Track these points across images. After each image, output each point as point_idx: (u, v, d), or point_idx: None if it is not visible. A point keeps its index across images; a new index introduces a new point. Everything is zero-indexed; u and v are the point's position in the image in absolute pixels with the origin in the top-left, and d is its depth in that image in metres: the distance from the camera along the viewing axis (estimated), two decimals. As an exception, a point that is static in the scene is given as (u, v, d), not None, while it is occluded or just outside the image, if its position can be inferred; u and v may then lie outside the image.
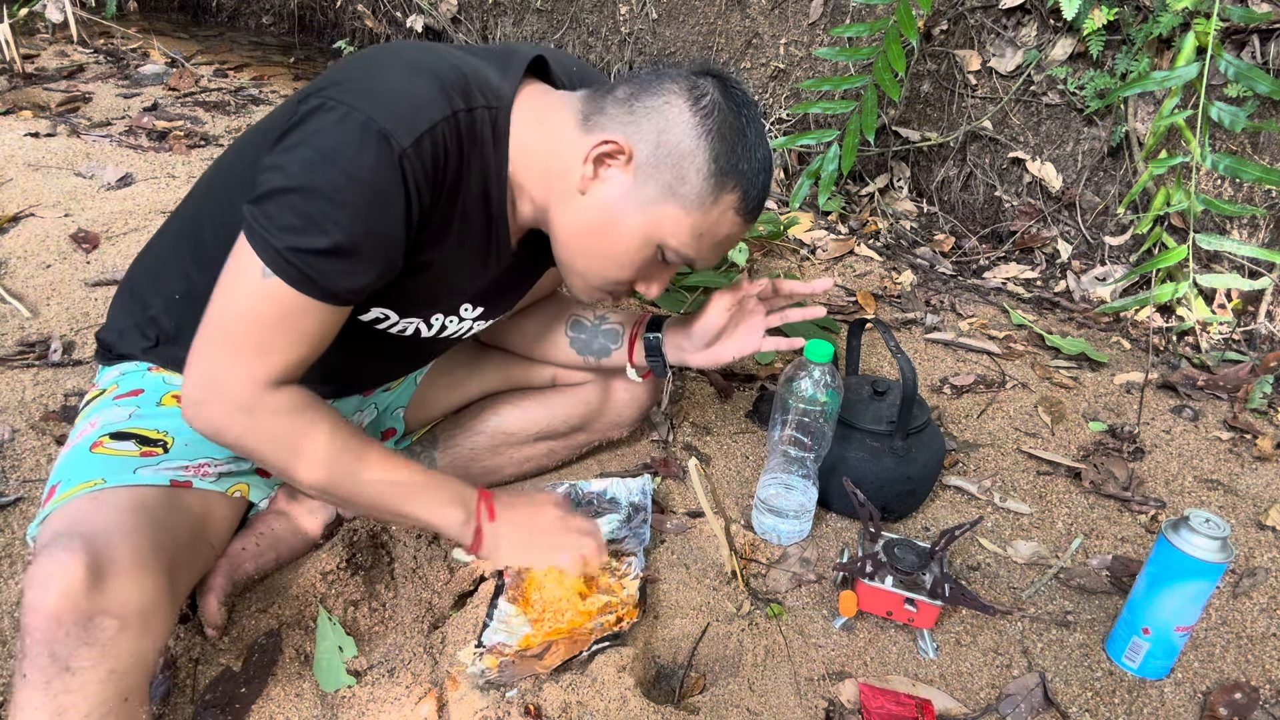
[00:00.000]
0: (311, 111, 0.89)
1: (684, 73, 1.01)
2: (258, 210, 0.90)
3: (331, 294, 0.93)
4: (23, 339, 1.67)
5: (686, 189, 0.99)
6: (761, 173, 1.02)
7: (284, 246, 0.88)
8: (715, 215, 1.01)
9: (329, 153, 0.87)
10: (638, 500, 1.39)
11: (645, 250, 1.04)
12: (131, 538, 0.89)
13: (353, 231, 0.89)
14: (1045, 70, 2.43)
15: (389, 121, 0.88)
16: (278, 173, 0.89)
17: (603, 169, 1.00)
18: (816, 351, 1.26)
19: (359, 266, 0.92)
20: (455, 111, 0.94)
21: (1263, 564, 1.42)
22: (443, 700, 1.06)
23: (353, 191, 0.88)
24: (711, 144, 0.97)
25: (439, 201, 0.96)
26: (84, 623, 0.81)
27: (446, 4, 3.69)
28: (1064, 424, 1.79)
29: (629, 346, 1.33)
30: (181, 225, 1.15)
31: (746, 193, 1.01)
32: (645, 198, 1.00)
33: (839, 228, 2.69)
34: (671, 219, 1.01)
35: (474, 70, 0.99)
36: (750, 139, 1.00)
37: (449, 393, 1.43)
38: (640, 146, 0.98)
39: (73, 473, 1.00)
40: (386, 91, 0.90)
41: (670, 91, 0.98)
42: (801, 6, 2.85)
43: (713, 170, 0.98)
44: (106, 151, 2.57)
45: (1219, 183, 2.23)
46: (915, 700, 1.11)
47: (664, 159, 0.98)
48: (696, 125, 0.97)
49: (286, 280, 0.90)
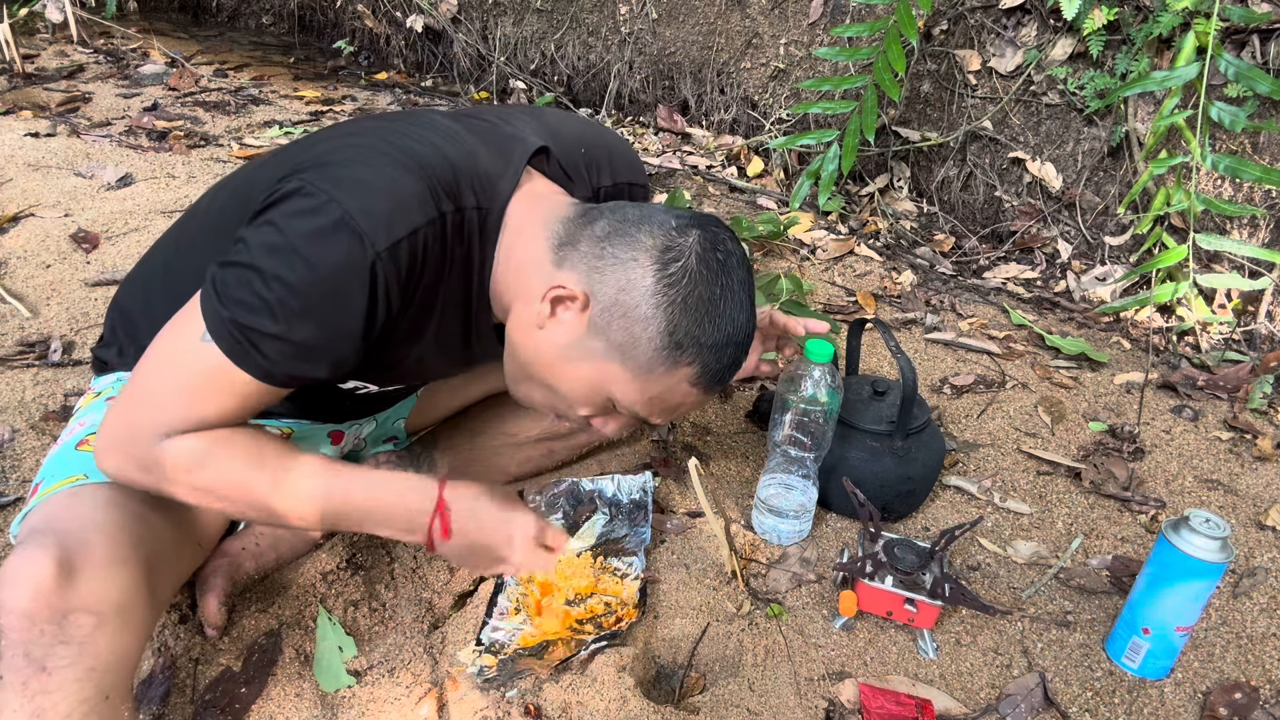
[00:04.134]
0: (289, 194, 0.86)
1: (669, 223, 0.93)
2: (218, 275, 0.87)
3: (268, 374, 0.89)
4: (23, 339, 1.67)
5: (637, 354, 0.92)
6: (729, 346, 0.94)
7: (230, 318, 0.85)
8: (667, 384, 0.95)
9: (296, 242, 0.84)
10: (638, 498, 1.39)
11: (594, 398, 0.99)
12: (107, 533, 0.88)
13: (304, 325, 0.85)
14: (1045, 70, 2.43)
15: (365, 221, 0.84)
16: (244, 248, 0.86)
17: (560, 309, 0.94)
18: (816, 351, 1.26)
19: (303, 359, 0.88)
20: (442, 214, 0.90)
21: (1263, 564, 1.42)
22: (443, 700, 1.06)
23: (312, 286, 0.84)
24: (669, 315, 0.90)
25: (412, 304, 0.93)
26: (58, 620, 0.80)
27: (446, 4, 3.69)
28: (1064, 424, 1.79)
29: None
30: (173, 249, 1.13)
31: (706, 366, 0.94)
32: (594, 350, 0.94)
33: (839, 228, 2.69)
34: (619, 379, 0.95)
35: (469, 162, 0.95)
36: (722, 311, 0.93)
37: (450, 398, 1.43)
38: (598, 298, 0.92)
39: (56, 470, 0.99)
40: (370, 186, 0.87)
41: (642, 247, 0.91)
42: (801, 6, 2.85)
43: (666, 343, 0.91)
44: (106, 151, 2.57)
45: (1219, 183, 2.23)
46: (915, 700, 1.11)
47: (618, 319, 0.91)
48: (657, 293, 0.90)
49: (223, 349, 0.86)
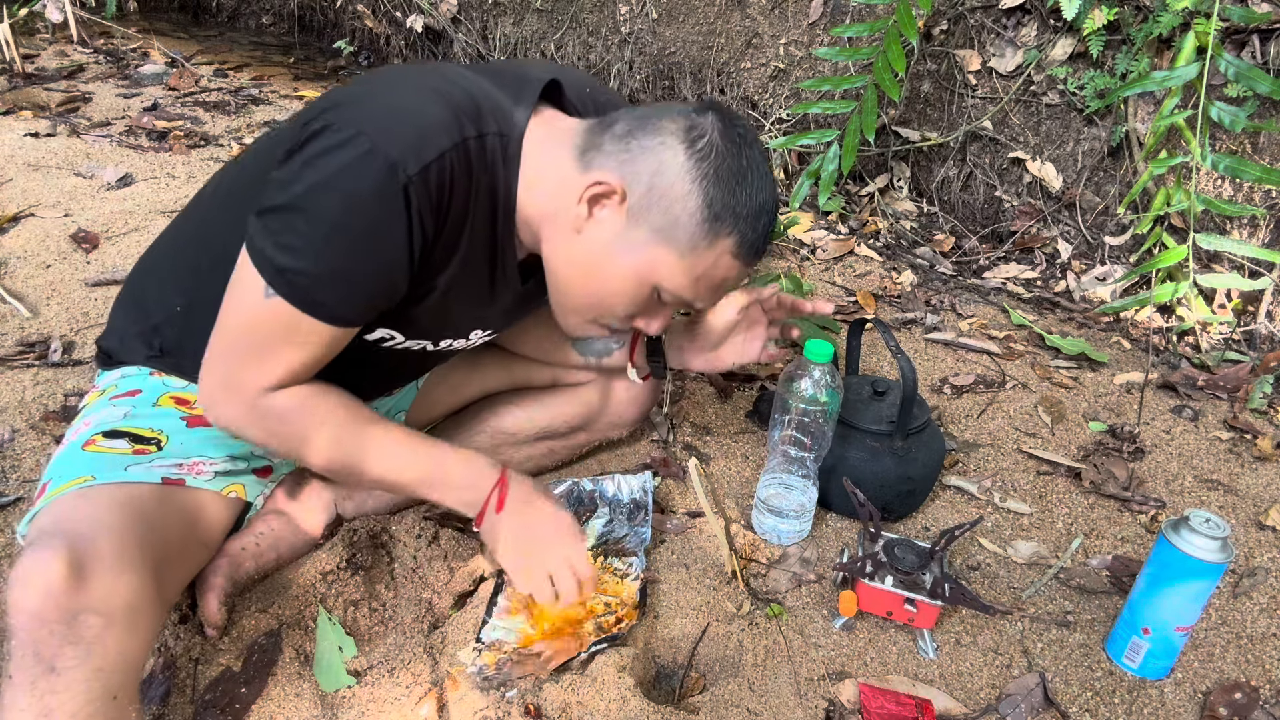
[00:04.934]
0: (316, 133, 0.88)
1: (685, 110, 0.98)
2: (260, 225, 0.90)
3: (333, 317, 0.94)
4: (23, 339, 1.67)
5: (679, 233, 0.96)
6: (762, 215, 0.98)
7: (284, 266, 0.89)
8: (710, 259, 0.98)
9: (331, 178, 0.87)
10: (639, 497, 1.39)
11: (640, 291, 1.02)
12: (116, 534, 0.89)
13: (352, 256, 0.89)
14: (1045, 70, 2.43)
15: (395, 148, 0.87)
16: (282, 190, 0.89)
17: (597, 209, 0.97)
18: (816, 351, 1.26)
19: (357, 293, 0.93)
20: (465, 138, 0.92)
21: (1263, 564, 1.42)
22: (443, 700, 1.06)
23: (353, 217, 0.87)
24: (705, 188, 0.94)
25: (444, 230, 0.95)
26: (68, 621, 0.80)
27: (446, 4, 3.69)
28: (1064, 424, 1.79)
29: (631, 347, 1.33)
30: (184, 234, 1.15)
31: (744, 237, 0.98)
32: (638, 240, 0.97)
33: (839, 228, 2.69)
34: (665, 263, 0.98)
35: (485, 95, 0.97)
36: (750, 181, 0.96)
37: (450, 394, 1.43)
38: (633, 188, 0.95)
39: (64, 470, 1.00)
40: (394, 115, 0.89)
41: (667, 131, 0.95)
42: (801, 6, 2.85)
43: (706, 215, 0.95)
44: (106, 151, 2.57)
45: (1219, 183, 2.23)
46: (915, 700, 1.11)
47: (656, 202, 0.95)
48: (691, 169, 0.94)
49: (287, 299, 0.91)
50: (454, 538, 1.29)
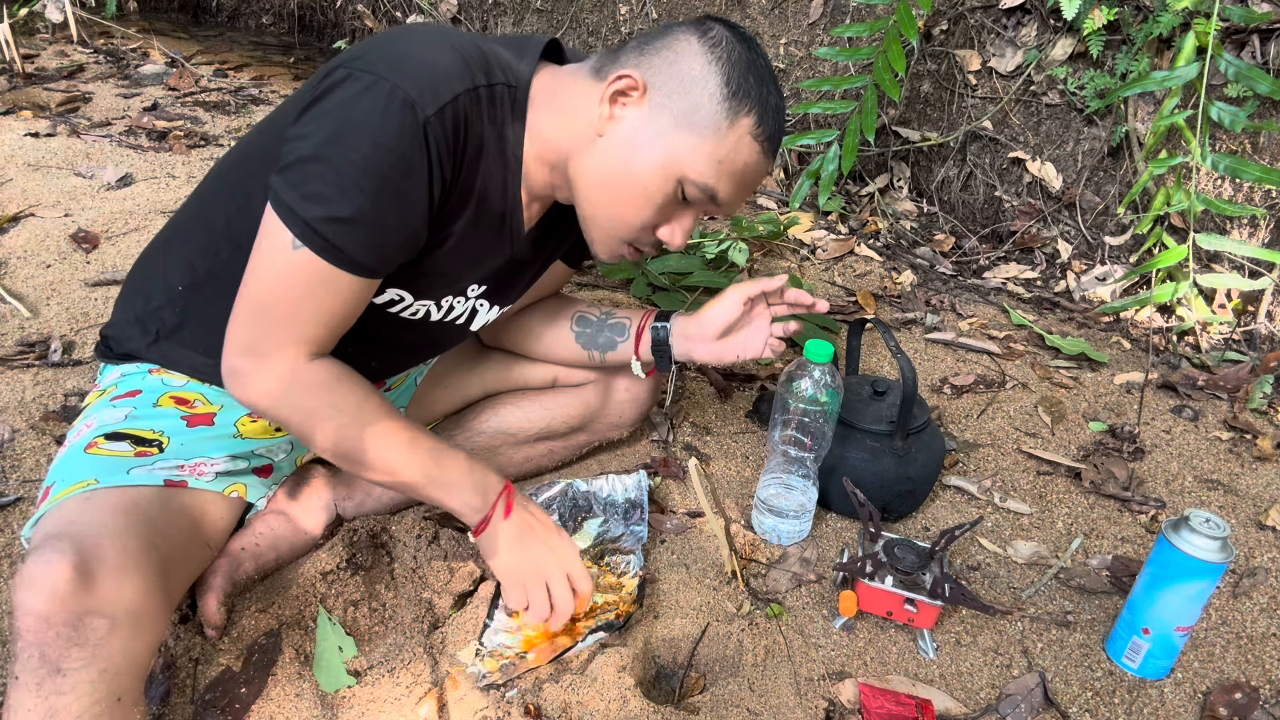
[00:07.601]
0: (337, 83, 0.90)
1: (691, 21, 1.03)
2: (283, 180, 0.90)
3: (359, 265, 0.94)
4: (23, 339, 1.67)
5: (700, 115, 0.99)
6: (777, 111, 1.02)
7: (311, 217, 0.89)
8: (732, 140, 1.00)
9: (354, 121, 0.88)
10: (634, 496, 1.39)
11: (666, 186, 1.02)
12: (121, 537, 0.89)
13: (379, 199, 0.90)
14: (1045, 70, 2.43)
15: (414, 90, 0.89)
16: (304, 142, 0.89)
17: (617, 107, 1.00)
18: (816, 351, 1.26)
19: (384, 235, 0.93)
20: (476, 86, 0.95)
21: (1263, 564, 1.42)
22: (443, 700, 1.06)
23: (378, 158, 0.88)
24: (722, 68, 0.98)
25: (459, 173, 0.97)
26: (74, 623, 0.81)
27: (446, 4, 3.69)
28: (1064, 424, 1.79)
29: (635, 339, 1.33)
30: (189, 215, 1.15)
31: (762, 116, 1.00)
32: (661, 128, 1.00)
33: (839, 228, 2.69)
34: (689, 147, 1.00)
35: (492, 51, 1.00)
36: (761, 70, 1.01)
37: (449, 393, 1.43)
38: (652, 78, 1.00)
39: (67, 474, 1.00)
40: (411, 62, 0.91)
41: (679, 30, 1.01)
42: (801, 6, 2.85)
43: (725, 94, 0.98)
44: (106, 151, 2.57)
45: (1219, 183, 2.23)
46: (915, 700, 1.11)
47: (676, 88, 0.99)
48: (706, 53, 0.99)
49: (315, 251, 0.91)
50: (454, 538, 1.29)
